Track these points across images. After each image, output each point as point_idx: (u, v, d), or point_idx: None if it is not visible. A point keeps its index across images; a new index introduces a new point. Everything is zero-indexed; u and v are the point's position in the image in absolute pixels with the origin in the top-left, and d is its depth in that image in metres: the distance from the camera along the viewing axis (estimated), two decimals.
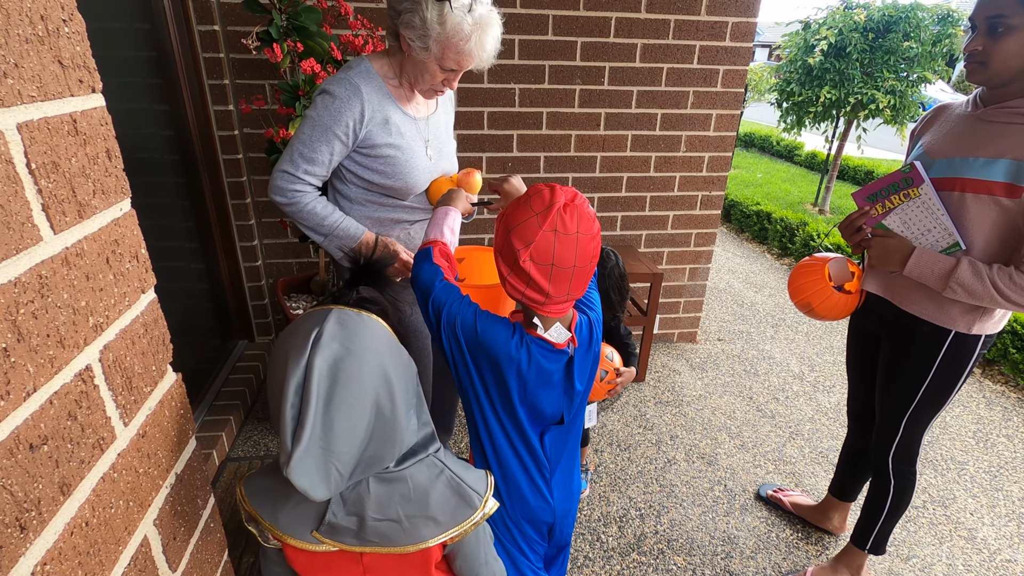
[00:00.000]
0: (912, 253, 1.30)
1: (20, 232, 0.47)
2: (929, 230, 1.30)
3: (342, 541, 0.78)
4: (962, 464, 2.35)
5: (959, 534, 1.99)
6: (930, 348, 1.39)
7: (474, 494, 0.84)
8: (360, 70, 1.37)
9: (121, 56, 1.82)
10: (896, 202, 1.32)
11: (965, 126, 1.29)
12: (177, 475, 0.73)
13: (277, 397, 0.69)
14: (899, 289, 1.41)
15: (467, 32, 1.26)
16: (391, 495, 0.78)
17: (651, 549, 1.88)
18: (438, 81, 1.37)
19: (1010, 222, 1.21)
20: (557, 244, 0.94)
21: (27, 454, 0.48)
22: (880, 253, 1.35)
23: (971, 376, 3.02)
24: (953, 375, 1.40)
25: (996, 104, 1.24)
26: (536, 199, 0.96)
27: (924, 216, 1.30)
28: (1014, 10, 1.11)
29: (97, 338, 0.57)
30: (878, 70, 5.14)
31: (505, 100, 2.60)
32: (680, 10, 2.55)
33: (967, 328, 1.34)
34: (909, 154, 1.47)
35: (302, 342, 0.70)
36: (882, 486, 1.59)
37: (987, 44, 1.17)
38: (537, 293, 0.98)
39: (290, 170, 1.37)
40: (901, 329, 1.44)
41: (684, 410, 2.64)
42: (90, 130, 0.57)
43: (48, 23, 0.50)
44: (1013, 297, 1.19)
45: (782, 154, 10.12)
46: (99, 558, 0.57)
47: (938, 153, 1.31)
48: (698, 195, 2.95)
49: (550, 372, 1.06)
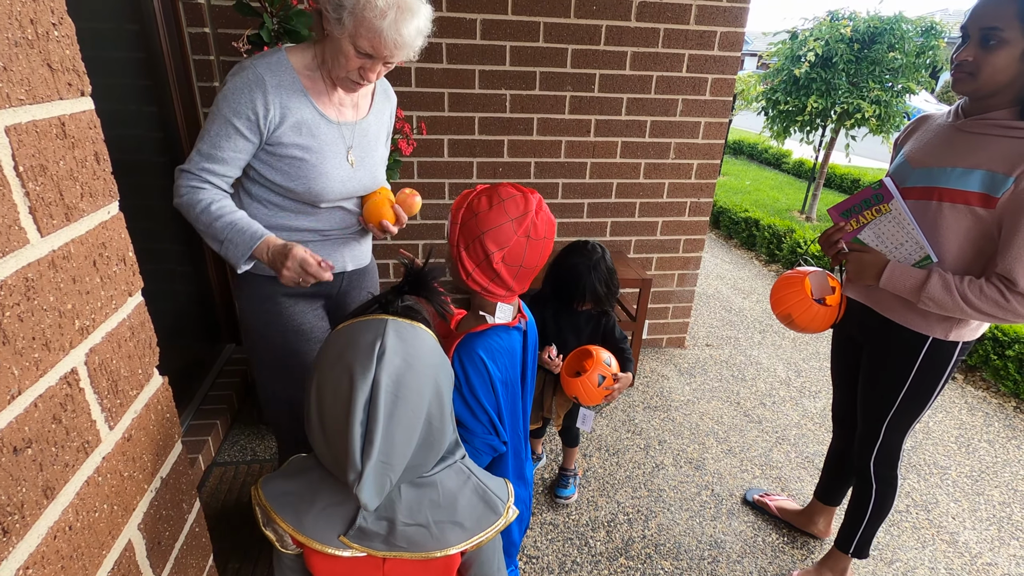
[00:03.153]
0: (886, 267, 1.32)
1: (7, 235, 0.47)
2: (901, 244, 1.33)
3: (370, 546, 0.77)
4: (944, 469, 2.39)
5: (941, 538, 2.02)
6: (909, 354, 1.41)
7: (499, 501, 0.86)
8: (270, 60, 1.24)
9: (110, 57, 1.81)
10: (869, 217, 1.36)
11: (945, 136, 1.31)
12: (162, 479, 0.73)
13: (343, 413, 0.68)
14: (879, 295, 1.43)
15: (381, 6, 1.13)
16: (421, 500, 0.79)
17: (639, 554, 1.88)
18: (354, 68, 1.23)
19: (985, 232, 1.23)
20: (528, 248, 1.02)
21: (10, 457, 0.47)
22: (856, 267, 1.39)
23: (953, 381, 3.07)
24: (932, 381, 1.42)
25: (977, 115, 1.25)
26: (511, 204, 0.99)
27: (896, 230, 1.33)
28: (1010, 24, 1.11)
29: (83, 341, 0.57)
30: (863, 80, 5.23)
31: (496, 106, 2.61)
32: (670, 19, 2.58)
33: (944, 335, 1.36)
34: (892, 162, 1.50)
35: (367, 356, 0.69)
36: (864, 490, 1.61)
37: (978, 55, 1.17)
38: (500, 288, 1.05)
39: (186, 167, 1.24)
40: (881, 335, 1.47)
41: (672, 415, 2.65)
42: (78, 133, 0.57)
43: (38, 26, 0.50)
44: (983, 308, 1.20)
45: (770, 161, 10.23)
46: (82, 562, 0.57)
47: (918, 162, 1.34)
48: (687, 202, 2.98)
49: (514, 349, 1.14)
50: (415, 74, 2.48)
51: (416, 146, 2.53)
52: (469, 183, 2.74)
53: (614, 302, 1.79)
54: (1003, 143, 1.19)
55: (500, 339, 1.10)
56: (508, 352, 1.12)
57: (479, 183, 2.73)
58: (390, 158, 2.18)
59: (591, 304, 1.75)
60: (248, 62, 1.23)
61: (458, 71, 2.52)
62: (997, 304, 1.18)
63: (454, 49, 2.47)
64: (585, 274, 1.69)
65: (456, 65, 2.50)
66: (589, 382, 1.61)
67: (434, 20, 1.26)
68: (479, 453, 1.12)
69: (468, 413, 1.09)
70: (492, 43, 2.50)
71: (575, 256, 1.73)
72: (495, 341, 1.09)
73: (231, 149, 1.23)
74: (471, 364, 1.06)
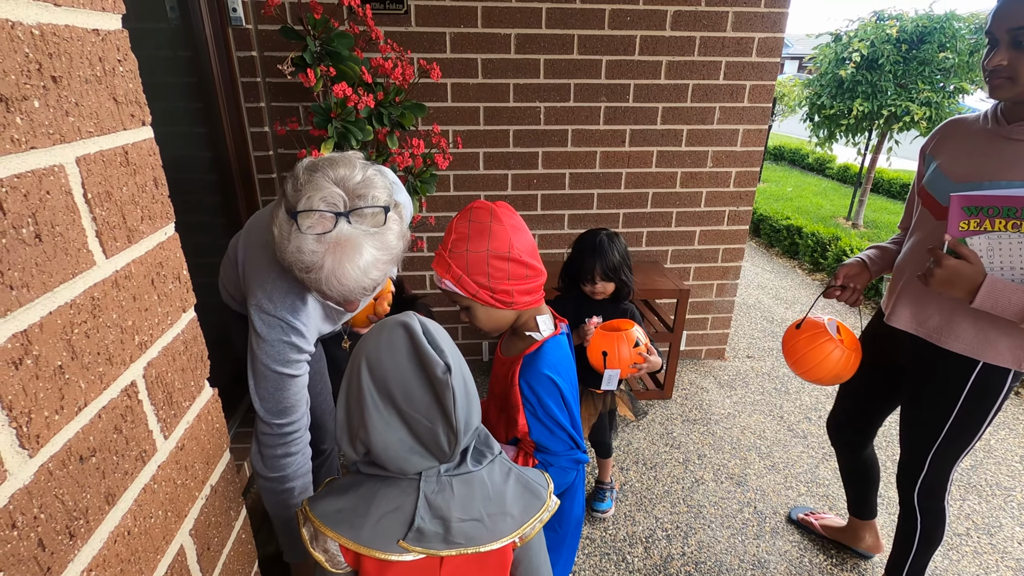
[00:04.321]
0: (984, 281, 1.15)
1: (76, 257, 0.51)
2: (1011, 268, 1.16)
3: (429, 547, 0.80)
4: (1009, 490, 2.25)
5: (1006, 564, 1.89)
6: (957, 382, 1.31)
7: (541, 488, 0.90)
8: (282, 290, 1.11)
9: (165, 83, 1.92)
10: (998, 227, 1.14)
11: (988, 146, 1.20)
12: (212, 487, 0.76)
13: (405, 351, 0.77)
14: (935, 324, 1.32)
15: (308, 262, 0.95)
16: (473, 495, 0.83)
17: (678, 571, 1.84)
18: (331, 302, 1.10)
19: None
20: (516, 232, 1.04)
21: (77, 465, 0.51)
22: (947, 276, 1.17)
23: (1017, 397, 2.89)
24: (982, 410, 1.32)
25: (1021, 121, 1.16)
26: (475, 215, 1.03)
27: (1017, 254, 1.14)
28: None
29: (142, 355, 0.60)
30: (912, 81, 5.03)
31: (530, 118, 2.63)
32: (705, 27, 2.55)
33: (1016, 364, 1.25)
34: (922, 174, 1.38)
35: (404, 315, 0.80)
36: (909, 522, 1.53)
37: (1012, 58, 1.09)
38: (537, 279, 1.06)
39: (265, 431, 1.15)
40: (925, 362, 1.38)
41: (712, 429, 2.59)
42: (140, 160, 0.61)
43: (105, 64, 0.54)
44: None
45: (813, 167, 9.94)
46: (139, 566, 0.60)
47: (962, 177, 1.22)
48: (725, 210, 2.92)
49: (569, 356, 1.15)
50: (451, 89, 2.53)
51: (452, 160, 2.57)
52: (504, 195, 2.76)
53: (628, 282, 1.77)
54: None
55: (556, 350, 1.10)
56: (566, 359, 1.13)
57: (514, 195, 2.76)
58: (427, 172, 2.23)
59: (602, 282, 1.75)
60: (270, 309, 1.10)
61: (493, 85, 2.55)
62: None
63: (489, 64, 2.51)
64: (591, 248, 1.73)
65: (491, 79, 2.54)
66: (627, 340, 1.56)
67: (469, 37, 1.22)
68: (565, 471, 1.12)
69: (548, 435, 1.09)
70: (526, 57, 2.52)
71: (583, 236, 1.80)
72: (553, 354, 1.09)
73: (293, 393, 1.15)
74: (540, 385, 1.06)
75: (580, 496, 1.22)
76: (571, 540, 1.23)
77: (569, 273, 1.82)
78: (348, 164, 1.00)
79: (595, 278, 1.74)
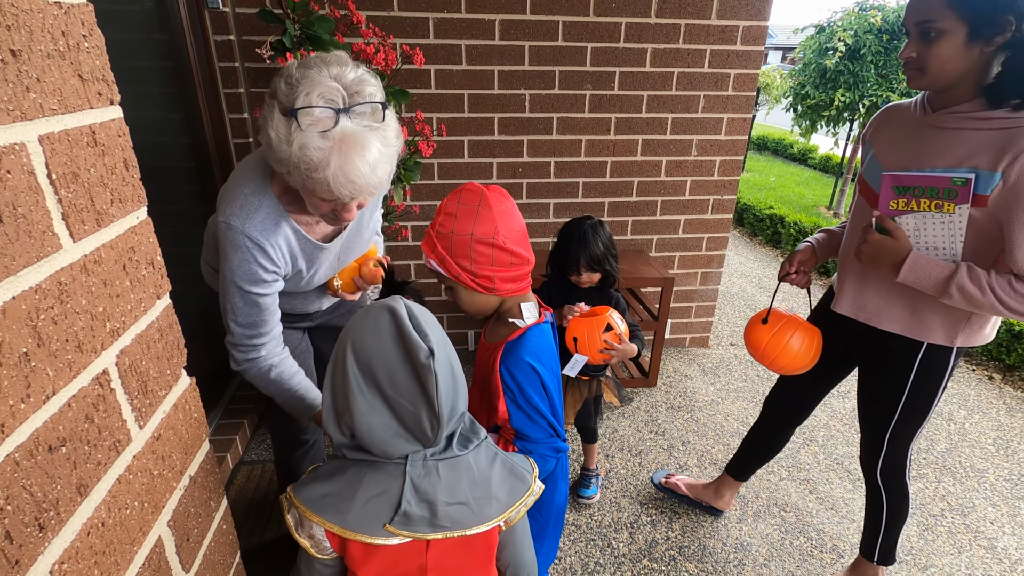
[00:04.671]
0: (908, 256, 1.20)
1: (41, 240, 0.49)
2: (935, 248, 1.21)
3: (415, 530, 0.80)
4: (982, 472, 2.31)
5: (979, 543, 1.95)
6: (902, 364, 1.36)
7: (526, 472, 0.91)
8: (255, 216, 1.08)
9: (140, 67, 1.86)
10: (923, 206, 1.19)
11: (916, 133, 1.24)
12: (191, 477, 0.75)
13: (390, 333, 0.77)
14: (874, 307, 1.37)
15: (316, 159, 0.93)
16: (459, 479, 0.83)
17: (662, 556, 1.86)
18: (327, 210, 1.08)
19: (980, 231, 1.16)
20: (503, 217, 1.02)
21: (46, 455, 0.49)
22: (874, 250, 1.24)
23: (991, 382, 2.97)
24: (931, 388, 1.37)
25: (944, 109, 1.19)
26: (464, 197, 1.02)
27: (940, 233, 1.19)
28: (941, 14, 1.08)
29: (114, 343, 0.59)
30: (893, 72, 5.09)
31: (515, 106, 2.61)
32: (690, 14, 2.55)
33: (949, 340, 1.29)
34: (863, 160, 1.41)
35: (389, 299, 0.79)
36: (876, 501, 1.59)
37: (921, 50, 1.13)
38: (523, 267, 1.05)
39: (233, 340, 1.18)
40: (873, 346, 1.42)
41: (696, 415, 2.62)
42: (108, 141, 0.58)
43: (69, 38, 0.52)
44: (1013, 305, 1.12)
45: (796, 157, 10.04)
46: (115, 558, 0.58)
47: (893, 165, 1.26)
48: (709, 199, 2.94)
49: (551, 344, 1.14)
50: (435, 76, 2.50)
51: (436, 148, 2.55)
52: (489, 183, 2.74)
53: (613, 271, 1.78)
54: (979, 136, 1.12)
55: (538, 338, 1.10)
56: (548, 348, 1.12)
57: (499, 183, 2.74)
58: (410, 160, 2.20)
59: (587, 272, 1.75)
60: (235, 223, 1.07)
61: (477, 72, 2.52)
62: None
63: (473, 50, 2.48)
64: (576, 238, 1.73)
65: (475, 66, 2.51)
66: (596, 325, 1.58)
67: (453, 22, 1.21)
68: (544, 459, 1.12)
69: (527, 422, 1.08)
70: (511, 43, 2.49)
71: (568, 225, 1.79)
72: (535, 342, 1.08)
73: (262, 312, 1.15)
74: (520, 372, 1.05)
75: (562, 484, 1.23)
76: (554, 527, 1.23)
77: (555, 262, 1.82)
78: (340, 62, 0.98)
79: (580, 268, 1.74)
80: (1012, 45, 1.07)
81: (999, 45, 1.08)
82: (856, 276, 1.40)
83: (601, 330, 1.57)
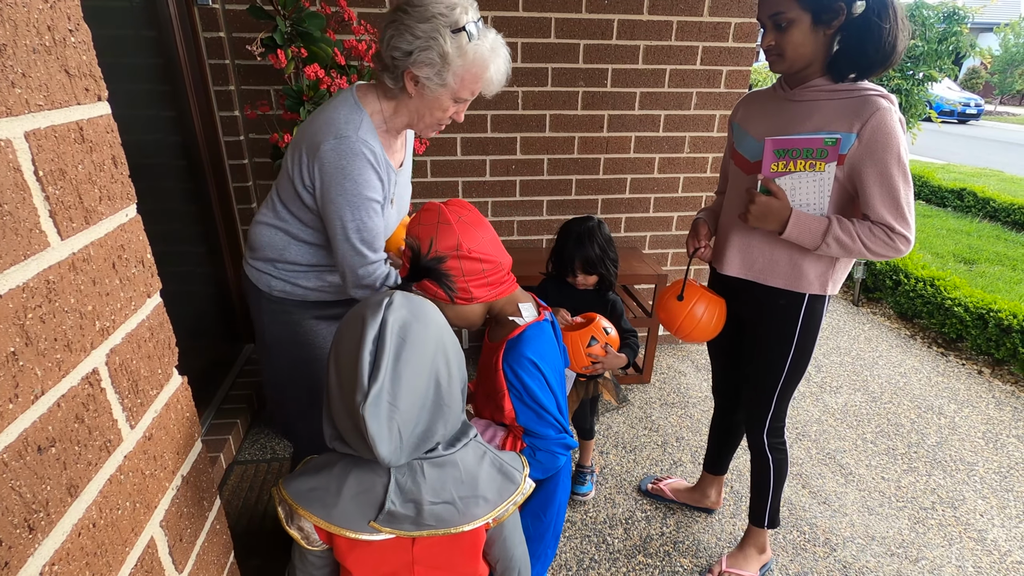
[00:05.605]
0: (791, 215, 1.35)
1: (28, 238, 0.48)
2: (807, 204, 1.35)
3: (400, 528, 0.80)
4: (971, 465, 2.33)
5: (969, 535, 1.97)
6: (789, 317, 1.47)
7: (515, 471, 0.90)
8: (362, 126, 1.22)
9: (128, 64, 1.84)
10: (799, 167, 1.33)
11: (780, 108, 1.40)
12: (183, 477, 0.74)
13: (354, 350, 0.73)
14: (760, 266, 1.47)
15: (486, 60, 1.20)
16: (445, 479, 0.82)
17: (657, 551, 1.87)
18: (448, 115, 1.28)
19: (839, 188, 1.34)
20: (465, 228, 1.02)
21: (35, 456, 0.48)
22: (762, 211, 1.36)
23: (980, 375, 3.00)
24: (811, 340, 1.49)
25: (800, 85, 1.35)
26: (424, 216, 1.03)
27: (812, 191, 1.34)
28: (788, 6, 1.24)
29: (104, 342, 0.58)
30: None
31: (508, 103, 2.61)
32: (683, 11, 2.55)
33: (822, 289, 1.43)
34: (731, 141, 1.55)
35: (375, 307, 0.76)
36: (763, 464, 1.67)
37: (777, 38, 1.29)
38: (496, 270, 1.04)
39: (372, 258, 1.27)
40: (760, 307, 1.52)
41: (690, 412, 2.63)
42: (96, 137, 0.58)
43: (55, 33, 0.51)
44: (874, 248, 1.30)
45: None
46: (106, 559, 0.58)
47: (763, 135, 1.39)
48: (702, 196, 2.94)
49: (552, 341, 1.14)
50: None
51: (428, 145, 2.54)
52: (482, 181, 2.74)
53: (612, 274, 1.78)
54: (832, 105, 1.30)
55: (539, 335, 1.09)
56: (550, 345, 1.12)
57: (492, 181, 2.74)
58: None
59: (582, 272, 1.75)
60: (349, 133, 1.19)
61: None
62: (885, 243, 1.29)
63: None
64: (574, 239, 1.73)
65: None
66: (580, 339, 1.59)
67: None
68: (554, 456, 1.11)
69: (535, 419, 1.08)
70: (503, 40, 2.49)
71: (568, 224, 1.79)
72: (536, 339, 1.08)
73: (380, 226, 1.27)
74: (523, 370, 1.05)
75: (566, 481, 1.23)
76: (555, 527, 1.23)
77: (555, 260, 1.82)
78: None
79: (575, 270, 1.74)
80: (845, 27, 1.26)
81: (836, 28, 1.26)
82: (741, 238, 1.49)
83: (585, 344, 1.58)
